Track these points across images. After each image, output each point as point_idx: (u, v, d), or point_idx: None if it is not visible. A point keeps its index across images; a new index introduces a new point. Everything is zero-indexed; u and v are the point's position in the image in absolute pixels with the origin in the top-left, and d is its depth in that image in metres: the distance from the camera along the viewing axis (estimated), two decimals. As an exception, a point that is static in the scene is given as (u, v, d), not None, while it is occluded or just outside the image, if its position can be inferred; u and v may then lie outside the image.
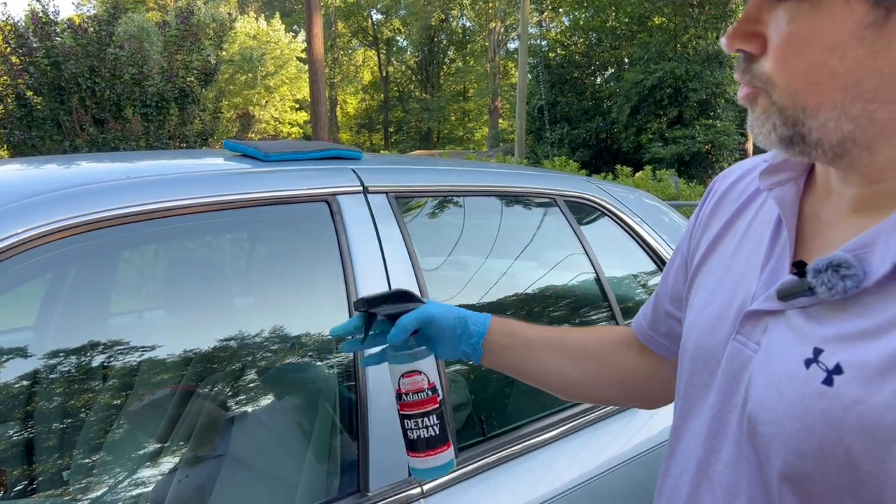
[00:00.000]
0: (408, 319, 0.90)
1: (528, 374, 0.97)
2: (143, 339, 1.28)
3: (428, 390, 0.90)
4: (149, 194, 1.14)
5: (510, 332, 0.95)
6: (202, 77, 7.54)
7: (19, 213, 1.03)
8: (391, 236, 1.36)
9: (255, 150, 1.43)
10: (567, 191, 1.77)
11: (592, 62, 21.61)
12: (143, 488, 1.39)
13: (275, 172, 1.33)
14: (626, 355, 0.93)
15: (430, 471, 0.91)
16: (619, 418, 1.56)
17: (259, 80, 27.56)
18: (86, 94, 6.76)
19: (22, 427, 1.35)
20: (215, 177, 1.28)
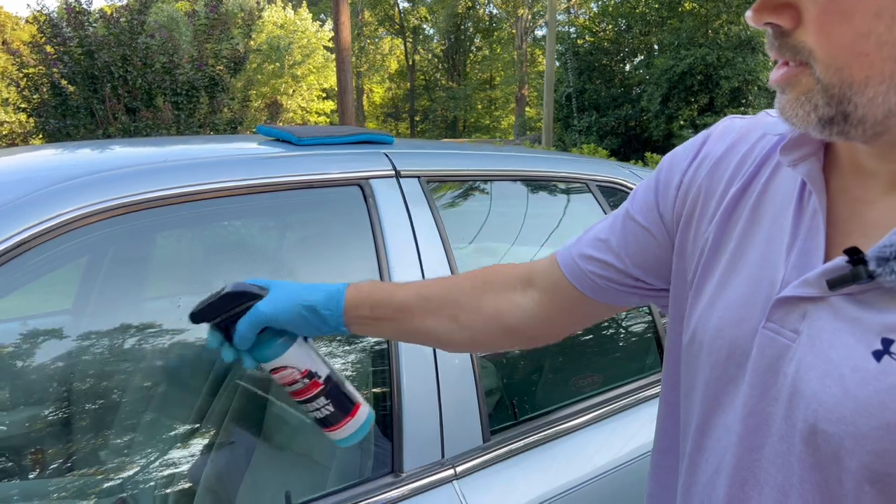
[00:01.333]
0: (243, 327, 0.85)
1: (406, 339, 0.93)
2: (178, 322, 1.29)
3: (303, 379, 0.87)
4: (186, 177, 1.16)
5: (376, 303, 0.87)
6: (231, 66, 7.60)
7: (60, 195, 1.05)
8: (423, 220, 1.36)
9: (288, 135, 1.44)
10: (600, 176, 1.76)
11: (621, 49, 21.34)
12: (176, 468, 1.42)
13: (308, 156, 1.34)
14: (522, 297, 0.86)
15: (345, 439, 0.91)
16: (650, 405, 1.56)
17: (286, 70, 27.69)
18: (118, 82, 6.86)
19: (59, 408, 1.38)
20: (251, 160, 1.29)
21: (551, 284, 0.85)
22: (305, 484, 1.31)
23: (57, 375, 1.32)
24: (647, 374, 1.62)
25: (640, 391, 1.57)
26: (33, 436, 1.39)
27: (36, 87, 7.18)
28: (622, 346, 1.70)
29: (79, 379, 1.33)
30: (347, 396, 0.90)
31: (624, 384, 1.56)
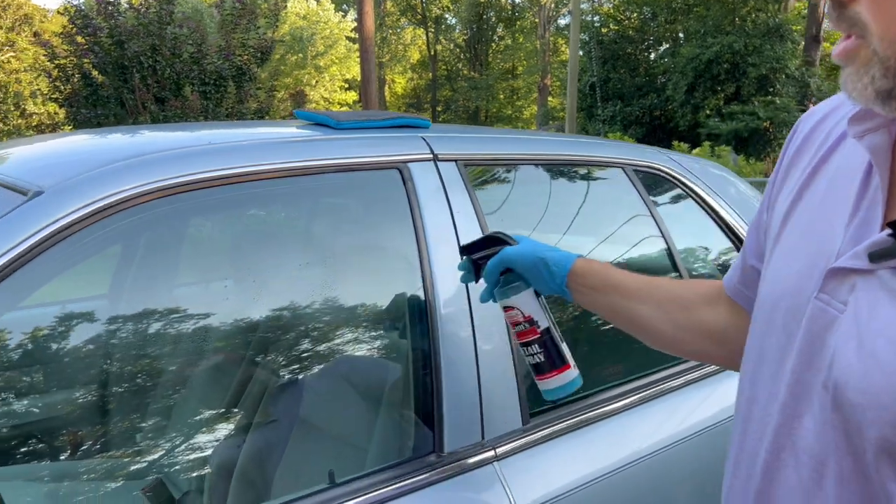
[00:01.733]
0: (492, 263, 1.04)
1: (617, 318, 0.99)
2: (219, 303, 1.31)
3: (524, 323, 1.02)
4: (230, 160, 1.17)
5: (598, 274, 0.98)
6: (258, 55, 7.65)
7: (108, 176, 1.06)
8: (461, 204, 1.36)
9: (327, 119, 1.45)
10: (636, 160, 1.74)
11: (646, 37, 21.10)
12: (212, 450, 1.43)
13: (348, 140, 1.35)
14: (716, 309, 0.91)
15: (549, 391, 1.04)
16: (693, 389, 1.55)
17: (309, 61, 27.77)
18: (147, 72, 6.95)
19: (97, 390, 1.41)
20: (293, 143, 1.30)
21: (727, 301, 0.91)
22: (343, 465, 1.32)
23: (97, 358, 1.34)
24: (684, 360, 1.61)
25: (677, 376, 1.56)
26: (72, 417, 1.42)
27: (67, 78, 7.28)
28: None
29: (118, 361, 1.35)
30: (560, 353, 1.03)
31: (661, 369, 1.56)
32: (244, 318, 1.32)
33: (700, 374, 1.59)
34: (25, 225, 0.97)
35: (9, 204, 1.01)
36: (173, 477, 1.43)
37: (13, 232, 0.96)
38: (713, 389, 1.58)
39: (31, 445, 1.43)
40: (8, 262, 0.94)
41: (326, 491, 1.11)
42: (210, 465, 1.43)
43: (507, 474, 1.22)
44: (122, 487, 1.40)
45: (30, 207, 0.99)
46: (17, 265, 0.95)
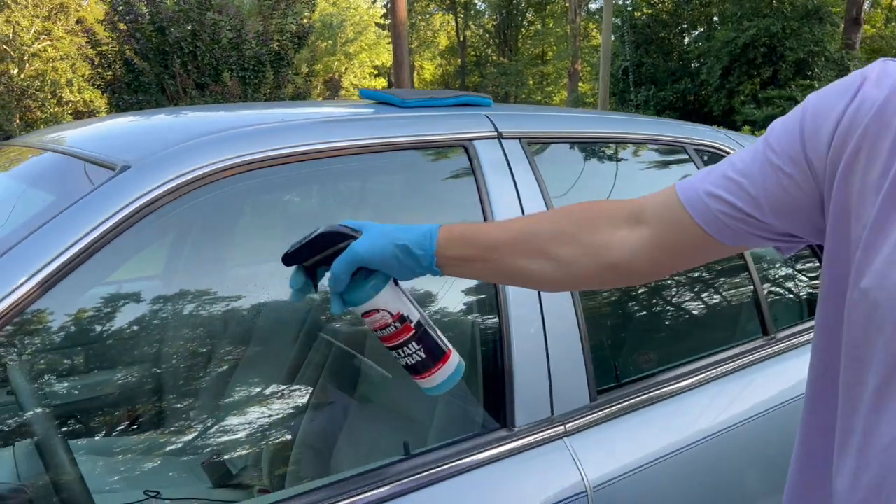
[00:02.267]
0: (338, 267, 0.85)
1: (500, 280, 0.90)
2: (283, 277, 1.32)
3: (395, 323, 0.87)
4: (304, 136, 1.18)
5: (466, 242, 0.86)
6: (296, 40, 7.70)
7: (193, 151, 1.08)
8: (526, 182, 1.36)
9: (392, 97, 1.45)
10: (697, 139, 1.72)
11: (681, 21, 20.73)
12: (271, 428, 1.45)
13: (415, 118, 1.36)
14: (629, 233, 0.82)
15: (436, 387, 0.91)
16: (759, 368, 1.54)
17: (339, 47, 27.83)
18: (188, 58, 7.03)
19: (151, 369, 1.44)
20: (362, 121, 1.31)
21: (669, 221, 0.80)
22: (406, 440, 1.34)
23: (173, 333, 1.37)
24: (747, 340, 1.60)
25: (744, 356, 1.55)
26: (130, 394, 1.45)
27: (109, 65, 7.40)
28: (722, 311, 1.68)
29: (190, 337, 1.37)
30: (438, 343, 0.90)
31: (727, 349, 1.55)
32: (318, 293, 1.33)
33: (766, 353, 1.58)
34: (116, 199, 0.99)
35: (98, 178, 1.04)
36: (232, 451, 1.46)
37: (105, 205, 0.98)
38: (780, 369, 1.57)
39: (100, 420, 1.47)
40: (100, 236, 0.96)
41: (399, 463, 1.12)
42: (268, 441, 1.46)
43: (578, 450, 1.22)
44: (184, 462, 1.44)
45: (119, 181, 1.02)
46: (108, 238, 0.97)
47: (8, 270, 0.89)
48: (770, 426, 1.49)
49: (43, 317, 0.96)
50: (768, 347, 1.60)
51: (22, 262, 0.90)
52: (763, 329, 1.63)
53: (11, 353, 0.97)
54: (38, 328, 0.97)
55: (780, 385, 1.55)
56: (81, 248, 0.93)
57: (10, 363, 1.00)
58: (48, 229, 0.94)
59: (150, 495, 1.36)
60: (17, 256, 0.91)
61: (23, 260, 0.91)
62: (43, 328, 0.98)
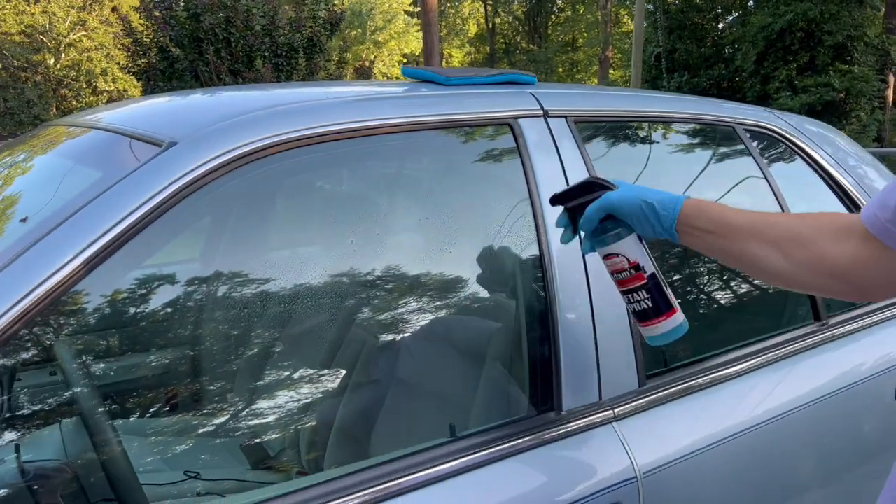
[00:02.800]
0: (591, 210, 0.97)
1: (730, 259, 0.94)
2: (342, 259, 1.31)
3: (630, 269, 0.97)
4: (350, 114, 1.16)
5: (709, 214, 0.93)
6: (328, 27, 7.70)
7: (240, 127, 1.07)
8: (573, 160, 1.33)
9: (434, 75, 1.43)
10: (747, 119, 1.67)
11: (715, 6, 20.30)
12: (309, 410, 1.44)
13: (459, 96, 1.33)
14: (843, 244, 0.85)
15: (657, 337, 0.98)
16: (812, 354, 1.50)
17: (368, 36, 27.81)
18: (221, 45, 7.07)
19: (192, 351, 1.44)
20: (407, 99, 1.29)
21: (866, 237, 0.83)
22: (442, 423, 1.32)
23: (220, 313, 1.36)
24: (799, 326, 1.55)
25: (796, 341, 1.50)
26: (171, 375, 1.45)
27: (144, 52, 7.47)
28: (772, 295, 1.63)
29: (234, 318, 1.36)
30: (666, 298, 0.98)
31: (779, 333, 1.50)
32: (360, 274, 1.32)
33: (820, 338, 1.53)
34: (162, 175, 0.98)
35: (144, 154, 1.03)
36: (270, 433, 1.45)
37: (152, 182, 0.97)
38: (832, 357, 1.52)
39: (141, 401, 1.47)
40: (147, 213, 0.95)
41: (444, 445, 1.10)
42: (307, 423, 1.45)
43: (627, 435, 1.19)
44: (223, 443, 1.44)
45: (166, 157, 1.01)
46: (154, 216, 0.96)
47: (54, 248, 0.89)
48: (823, 414, 1.45)
49: (87, 296, 0.95)
50: (820, 334, 1.55)
51: (67, 240, 0.90)
52: (815, 314, 1.58)
53: (56, 332, 0.97)
54: (82, 307, 0.96)
55: (832, 373, 1.51)
56: (128, 226, 0.93)
57: (56, 342, 0.99)
58: (94, 207, 0.93)
59: (190, 476, 1.37)
60: (62, 235, 0.90)
61: (68, 238, 0.90)
62: (87, 307, 0.98)
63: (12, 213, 1.17)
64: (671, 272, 1.48)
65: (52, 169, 1.29)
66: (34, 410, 1.19)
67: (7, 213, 1.19)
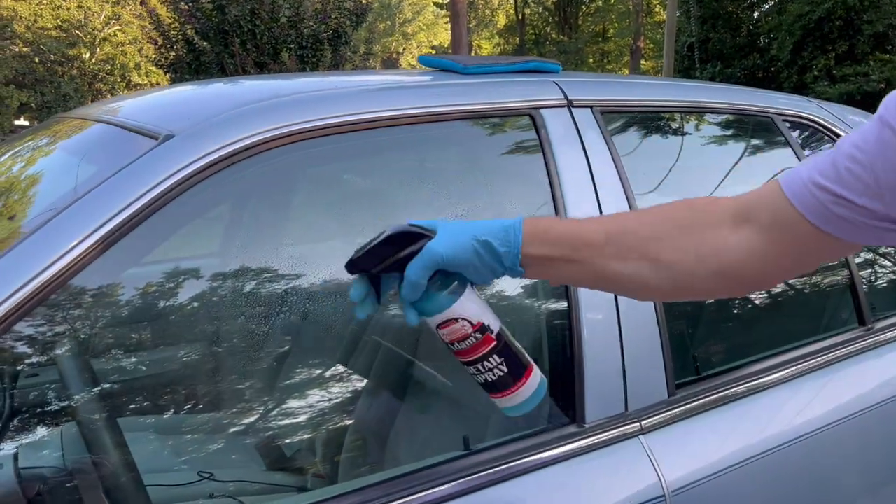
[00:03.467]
0: (414, 271, 0.74)
1: (591, 284, 0.81)
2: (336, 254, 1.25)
3: (475, 334, 0.76)
4: (360, 104, 1.10)
5: (556, 239, 0.75)
6: (353, 17, 7.67)
7: (239, 119, 1.01)
8: (598, 153, 1.25)
9: (453, 64, 1.35)
10: (786, 109, 1.57)
11: (750, -6, 19.85)
12: (326, 413, 1.40)
13: (477, 85, 1.26)
14: (735, 234, 0.72)
15: (518, 406, 0.81)
16: (853, 362, 1.39)
17: (397, 28, 27.79)
18: (247, 37, 7.08)
19: (201, 350, 1.39)
20: (421, 88, 1.22)
21: (777, 220, 0.70)
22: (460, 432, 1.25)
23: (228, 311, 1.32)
24: (842, 331, 1.45)
25: (835, 349, 1.40)
26: (178, 374, 1.41)
27: (171, 45, 7.52)
28: (813, 298, 1.53)
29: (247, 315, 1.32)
30: (519, 356, 0.79)
31: (817, 340, 1.40)
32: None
33: (865, 344, 1.43)
34: (157, 170, 0.93)
35: (139, 148, 0.97)
36: (286, 434, 1.40)
37: (145, 177, 0.92)
38: (878, 363, 1.42)
39: (152, 399, 1.44)
40: (141, 209, 0.89)
41: (459, 459, 1.03)
42: (322, 424, 1.41)
43: (655, 449, 1.11)
44: (238, 443, 1.40)
45: (161, 151, 0.95)
46: (148, 212, 0.90)
47: (41, 245, 0.83)
48: (867, 426, 1.35)
49: (79, 296, 0.90)
50: (865, 339, 1.45)
51: (57, 236, 0.84)
52: (859, 318, 1.47)
53: (47, 331, 0.92)
54: (71, 309, 0.91)
55: (877, 380, 1.41)
56: (115, 226, 0.87)
57: (48, 341, 0.94)
58: (81, 205, 0.88)
59: (204, 477, 1.33)
60: (51, 231, 0.85)
61: (58, 234, 0.85)
62: (76, 309, 0.92)
63: (5, 207, 1.13)
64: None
65: (52, 163, 1.25)
66: (33, 411, 1.15)
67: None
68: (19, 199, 1.17)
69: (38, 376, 1.29)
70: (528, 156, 1.23)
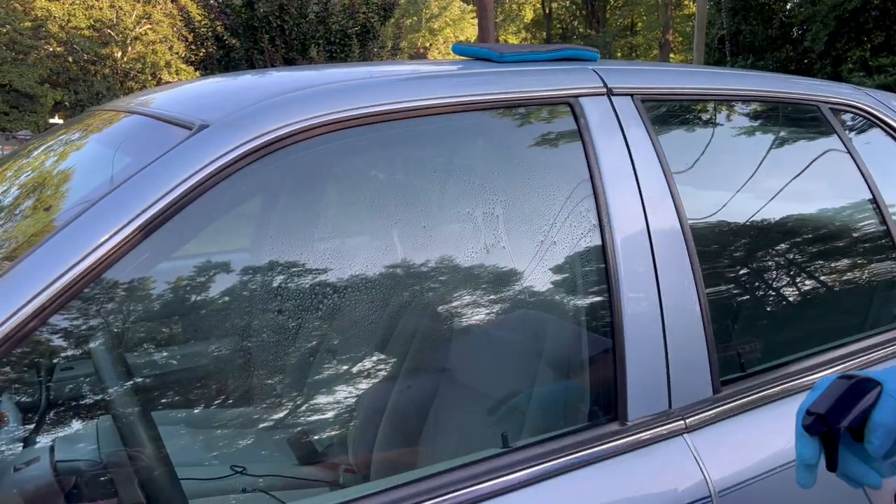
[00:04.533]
0: (882, 416, 0.67)
1: None
2: (384, 249, 1.23)
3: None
4: (396, 93, 1.07)
5: None
6: (381, 12, 7.66)
7: (275, 109, 0.99)
8: (640, 143, 1.20)
9: (488, 52, 1.32)
10: (831, 97, 1.51)
11: (783, -15, 19.46)
12: (357, 408, 1.38)
13: (513, 73, 1.22)
14: None
15: None
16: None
17: (423, 24, 27.76)
18: (276, 32, 7.12)
19: (233, 344, 1.38)
20: (456, 77, 1.19)
21: None
22: (497, 429, 1.22)
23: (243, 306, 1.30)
24: (890, 327, 1.39)
25: (888, 345, 1.35)
26: (211, 368, 1.40)
27: (202, 42, 7.59)
28: (865, 292, 1.47)
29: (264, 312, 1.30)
30: None
31: (868, 336, 1.35)
32: (407, 264, 1.23)
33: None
34: (192, 160, 0.91)
35: (173, 139, 0.96)
36: (318, 429, 1.39)
37: (179, 168, 0.90)
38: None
39: (184, 393, 1.43)
40: (174, 201, 0.88)
41: (496, 458, 1.00)
42: (355, 420, 1.39)
43: (700, 448, 1.07)
44: (269, 438, 1.40)
45: (196, 141, 0.93)
46: (182, 203, 0.89)
47: (69, 246, 0.82)
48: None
49: (110, 291, 0.89)
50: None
51: (85, 237, 0.83)
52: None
53: (82, 325, 0.91)
54: (105, 303, 0.90)
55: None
56: (149, 219, 0.85)
57: (83, 335, 0.93)
58: (114, 197, 0.86)
59: (237, 471, 1.32)
60: (85, 223, 0.84)
61: (86, 234, 0.83)
62: (110, 302, 0.91)
63: (39, 201, 1.12)
64: (740, 267, 1.34)
65: (85, 155, 1.24)
66: (68, 404, 1.15)
67: (34, 199, 1.15)
68: (53, 192, 1.17)
69: (74, 370, 1.29)
70: (567, 146, 1.19)
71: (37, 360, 0.96)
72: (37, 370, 1.16)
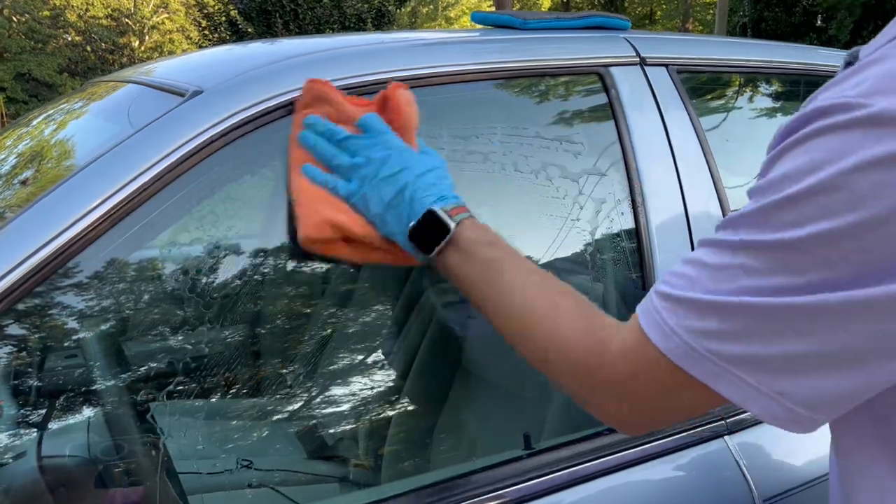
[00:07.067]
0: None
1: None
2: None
3: None
4: (408, 60, 0.99)
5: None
6: (397, -5, 7.62)
7: (274, 75, 0.91)
8: (675, 116, 1.12)
9: (510, 19, 1.23)
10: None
11: (807, -28, 19.20)
12: (369, 401, 1.34)
13: (538, 40, 1.14)
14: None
15: None
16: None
17: (439, 12, 27.67)
18: (289, 17, 7.07)
19: (248, 332, 1.32)
20: (475, 43, 1.11)
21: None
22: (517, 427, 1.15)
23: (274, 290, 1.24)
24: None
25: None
26: (224, 359, 1.35)
27: (215, 27, 7.58)
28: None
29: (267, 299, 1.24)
30: None
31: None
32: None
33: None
34: (182, 129, 0.83)
35: (163, 106, 0.87)
36: (328, 422, 1.33)
37: (169, 136, 0.82)
38: None
39: (190, 383, 1.37)
40: (165, 170, 0.80)
41: (518, 461, 0.92)
42: (366, 414, 1.35)
43: (743, 451, 0.98)
44: (278, 431, 1.33)
45: (187, 108, 0.85)
46: (174, 174, 0.80)
47: (51, 212, 0.74)
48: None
49: (86, 272, 0.81)
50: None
51: (70, 202, 0.75)
52: None
53: (58, 311, 0.83)
54: (80, 283, 0.82)
55: None
56: (134, 191, 0.77)
57: (60, 322, 0.86)
58: (92, 170, 0.78)
59: (244, 465, 1.26)
60: (63, 195, 0.75)
61: (71, 199, 0.75)
62: (86, 283, 0.83)
63: (18, 174, 1.05)
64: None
65: (78, 125, 1.17)
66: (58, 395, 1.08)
67: (15, 174, 1.08)
68: (38, 162, 1.09)
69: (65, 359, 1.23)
70: (597, 118, 1.11)
71: (16, 342, 0.89)
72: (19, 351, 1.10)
